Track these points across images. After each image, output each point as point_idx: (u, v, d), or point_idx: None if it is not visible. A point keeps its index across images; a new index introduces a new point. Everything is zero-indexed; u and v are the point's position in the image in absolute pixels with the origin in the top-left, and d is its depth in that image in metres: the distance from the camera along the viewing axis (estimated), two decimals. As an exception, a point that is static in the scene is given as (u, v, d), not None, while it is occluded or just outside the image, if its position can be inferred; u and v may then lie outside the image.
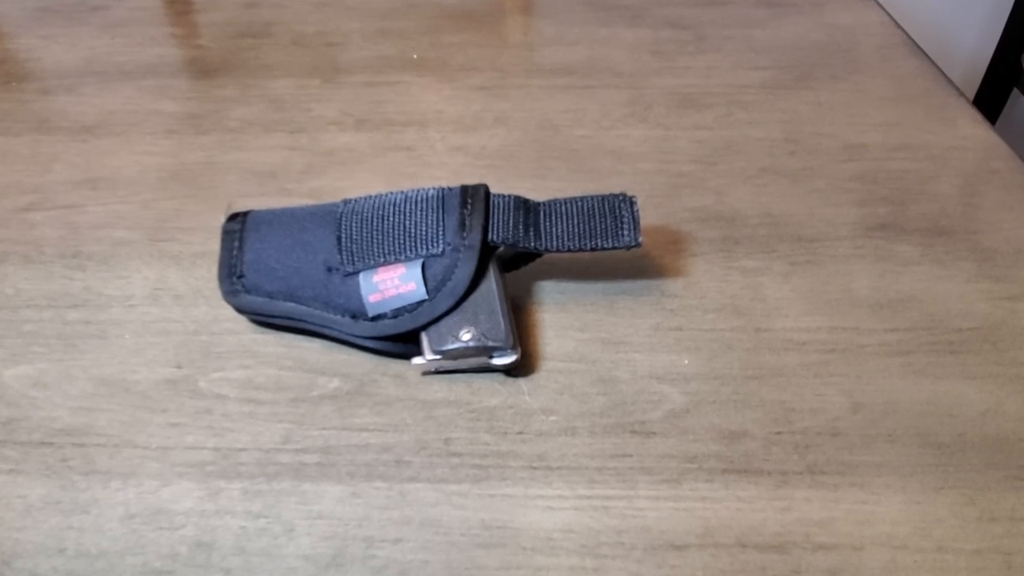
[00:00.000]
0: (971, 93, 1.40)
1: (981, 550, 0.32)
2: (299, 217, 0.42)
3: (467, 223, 0.40)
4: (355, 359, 0.40)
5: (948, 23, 1.36)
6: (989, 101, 1.36)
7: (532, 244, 0.41)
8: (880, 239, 0.47)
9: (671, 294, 0.44)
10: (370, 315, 0.39)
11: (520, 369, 0.40)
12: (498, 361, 0.38)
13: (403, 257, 0.39)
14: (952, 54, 1.39)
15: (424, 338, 0.39)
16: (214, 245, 0.47)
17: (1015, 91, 1.34)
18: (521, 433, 0.37)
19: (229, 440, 0.37)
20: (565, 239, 0.41)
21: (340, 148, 0.56)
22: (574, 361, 0.40)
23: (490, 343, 0.38)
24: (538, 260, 0.44)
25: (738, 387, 0.39)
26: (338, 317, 0.40)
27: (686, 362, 0.40)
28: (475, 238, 0.39)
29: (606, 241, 0.41)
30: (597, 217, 0.41)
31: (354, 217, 0.41)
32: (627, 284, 0.44)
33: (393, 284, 0.39)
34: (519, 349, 0.39)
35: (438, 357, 0.38)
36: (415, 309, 0.39)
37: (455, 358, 0.38)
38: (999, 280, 0.44)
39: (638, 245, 0.41)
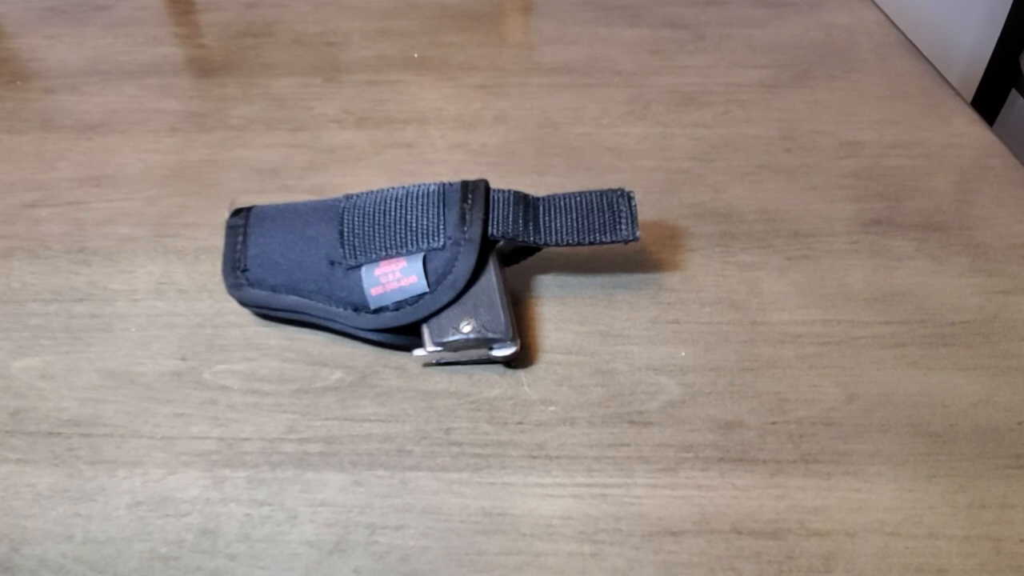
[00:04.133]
0: (969, 94, 1.41)
1: (971, 536, 0.33)
2: (302, 212, 0.42)
3: (467, 217, 0.40)
4: (357, 351, 0.41)
5: (947, 24, 1.36)
6: (987, 102, 1.37)
7: (532, 238, 0.41)
8: (875, 234, 0.48)
9: (669, 288, 0.44)
10: (372, 308, 0.40)
11: (520, 361, 0.41)
12: (498, 353, 0.39)
13: (404, 251, 0.40)
14: (951, 55, 1.40)
15: (425, 330, 0.39)
16: (217, 240, 0.48)
17: (1013, 92, 1.35)
18: (520, 423, 0.38)
19: (233, 430, 0.38)
20: (564, 233, 0.41)
21: (341, 145, 0.57)
22: (573, 353, 0.41)
23: (490, 335, 0.38)
24: (537, 254, 0.45)
25: (734, 378, 0.39)
26: (340, 310, 0.40)
27: (683, 354, 0.41)
28: (475, 232, 0.40)
29: (604, 235, 0.42)
30: (596, 212, 0.42)
31: (356, 212, 0.41)
32: (625, 278, 0.45)
33: (395, 277, 0.40)
34: (518, 341, 0.39)
35: (439, 349, 0.39)
36: (416, 302, 0.39)
37: (456, 350, 0.39)
38: (992, 275, 0.45)
39: (636, 239, 0.41)
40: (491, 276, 0.40)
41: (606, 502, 0.34)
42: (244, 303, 0.42)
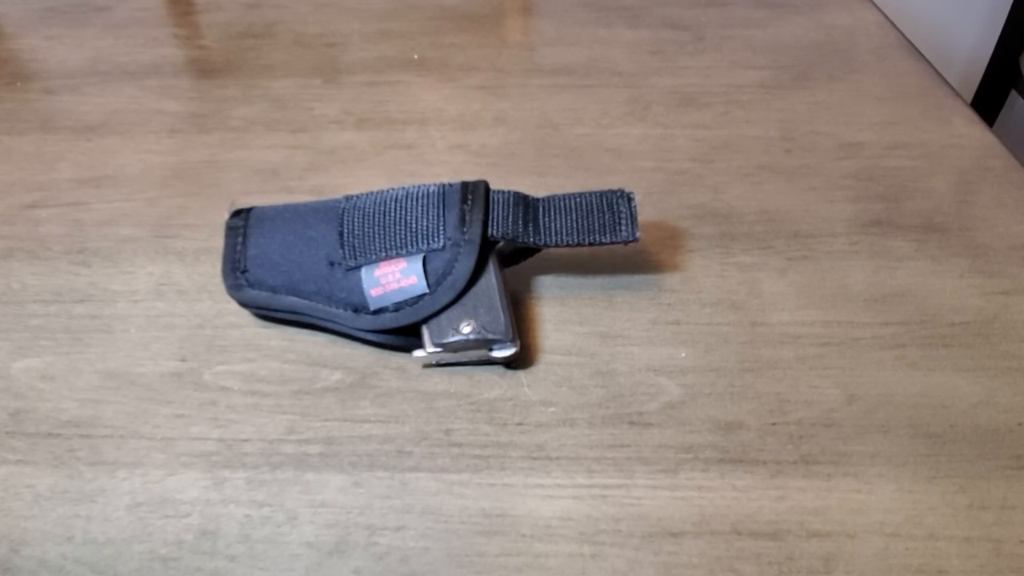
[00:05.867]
0: (969, 95, 1.41)
1: (972, 538, 0.33)
2: (302, 213, 0.42)
3: (467, 218, 0.40)
4: (357, 352, 0.41)
5: (947, 25, 1.37)
6: (987, 103, 1.37)
7: (531, 239, 0.41)
8: (875, 235, 0.48)
9: (669, 289, 0.44)
10: (372, 309, 0.40)
11: (519, 362, 0.41)
12: (498, 354, 0.39)
13: (404, 251, 0.40)
14: (951, 56, 1.40)
15: (425, 331, 0.39)
16: (217, 241, 0.48)
17: (1013, 93, 1.35)
18: (520, 424, 0.38)
19: (233, 431, 0.38)
20: (564, 234, 0.41)
21: (341, 146, 0.57)
22: (573, 354, 0.41)
23: (490, 336, 0.38)
24: (537, 255, 0.45)
25: (734, 379, 0.39)
26: (340, 311, 0.40)
27: (683, 355, 0.41)
28: (475, 233, 0.40)
29: (604, 236, 0.42)
30: (596, 213, 0.42)
31: (356, 212, 0.41)
32: (625, 279, 0.45)
33: (394, 278, 0.40)
34: (518, 342, 0.39)
35: (439, 350, 0.39)
36: (416, 303, 0.39)
37: (455, 351, 0.39)
38: (992, 276, 0.45)
39: (636, 240, 0.41)
40: (491, 277, 0.40)
41: (606, 503, 0.34)
42: (244, 304, 0.42)
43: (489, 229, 0.41)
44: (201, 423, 0.38)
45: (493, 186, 0.43)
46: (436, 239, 0.40)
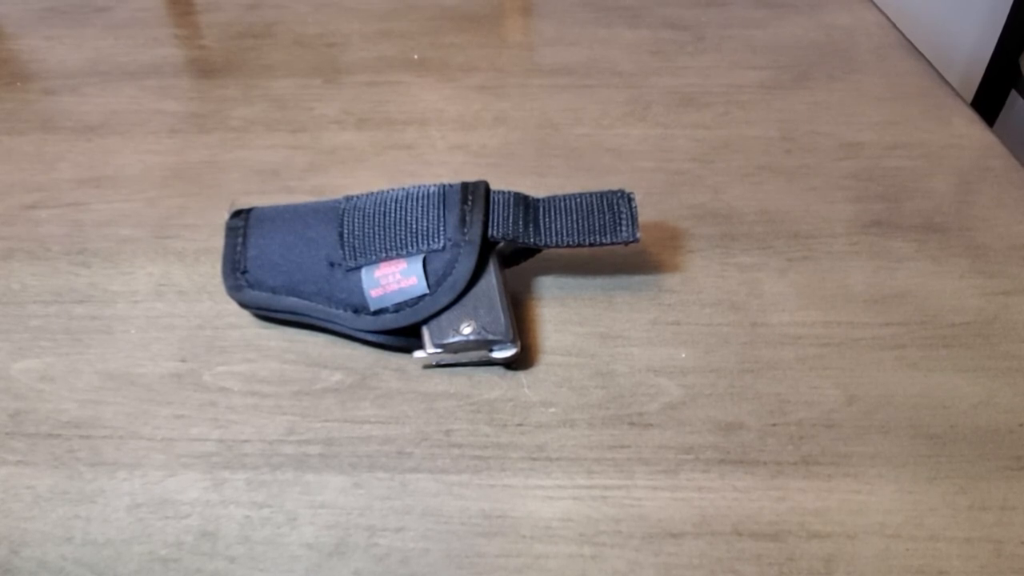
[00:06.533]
0: (969, 95, 1.41)
1: (972, 539, 0.33)
2: (302, 213, 0.42)
3: (468, 219, 0.40)
4: (357, 353, 0.41)
5: (947, 25, 1.36)
6: (987, 102, 1.37)
7: (532, 240, 0.41)
8: (875, 235, 0.48)
9: (669, 289, 0.44)
10: (372, 309, 0.40)
11: (520, 362, 0.41)
12: (498, 354, 0.39)
13: (404, 252, 0.40)
14: (951, 56, 1.40)
15: (425, 332, 0.39)
16: (217, 242, 0.48)
17: (1013, 93, 1.34)
18: (521, 425, 0.38)
19: (233, 432, 0.38)
20: (564, 235, 0.41)
21: (341, 147, 0.57)
22: (573, 355, 0.41)
23: (490, 336, 0.38)
24: (538, 256, 0.45)
25: (734, 380, 0.39)
26: (340, 312, 0.40)
27: (683, 356, 0.41)
28: (475, 233, 0.40)
29: (604, 237, 0.42)
30: (596, 213, 0.42)
31: (356, 213, 0.41)
32: (625, 279, 0.45)
33: (395, 279, 0.40)
34: (519, 343, 0.39)
35: (439, 350, 0.39)
36: (416, 303, 0.39)
37: (456, 351, 0.39)
38: (992, 276, 0.45)
39: (636, 240, 0.41)
40: (491, 277, 0.40)
41: (606, 504, 0.34)
42: (244, 305, 0.42)
43: (489, 230, 0.41)
44: (201, 424, 0.38)
45: (493, 186, 0.43)
46: (436, 240, 0.40)
